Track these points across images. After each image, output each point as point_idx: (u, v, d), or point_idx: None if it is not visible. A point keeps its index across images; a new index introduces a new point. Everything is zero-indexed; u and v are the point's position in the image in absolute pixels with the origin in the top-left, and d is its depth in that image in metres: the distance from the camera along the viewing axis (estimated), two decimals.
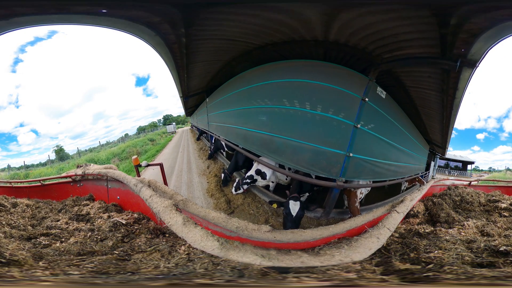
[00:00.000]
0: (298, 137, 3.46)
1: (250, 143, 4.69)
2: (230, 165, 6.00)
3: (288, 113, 3.68)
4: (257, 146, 4.40)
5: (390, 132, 4.05)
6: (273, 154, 3.91)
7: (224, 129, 6.28)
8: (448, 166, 10.81)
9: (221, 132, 6.70)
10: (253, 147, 4.58)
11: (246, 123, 4.86)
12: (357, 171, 3.53)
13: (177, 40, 3.73)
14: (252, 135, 4.54)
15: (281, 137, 3.66)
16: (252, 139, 4.60)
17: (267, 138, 3.96)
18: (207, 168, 7.51)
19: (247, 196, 5.35)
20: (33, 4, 2.37)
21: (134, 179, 4.10)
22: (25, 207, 4.58)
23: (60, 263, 2.57)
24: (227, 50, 4.58)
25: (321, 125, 3.29)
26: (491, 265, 2.65)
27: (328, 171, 3.36)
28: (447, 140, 5.34)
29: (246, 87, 5.02)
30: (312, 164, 3.41)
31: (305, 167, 3.49)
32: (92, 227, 3.64)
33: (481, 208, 4.88)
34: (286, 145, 3.60)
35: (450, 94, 3.29)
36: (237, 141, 5.38)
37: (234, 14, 3.28)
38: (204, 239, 2.60)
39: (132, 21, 2.99)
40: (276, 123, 3.90)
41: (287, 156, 3.62)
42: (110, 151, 10.88)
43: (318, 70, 3.66)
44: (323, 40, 3.58)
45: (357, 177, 3.73)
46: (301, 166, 3.51)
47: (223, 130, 6.45)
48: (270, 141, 3.90)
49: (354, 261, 2.63)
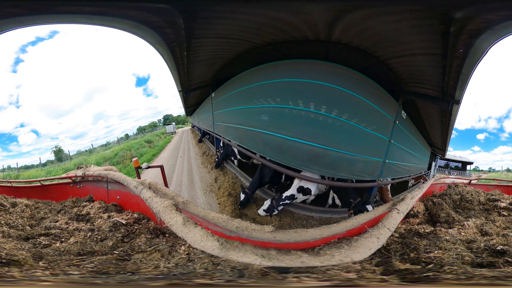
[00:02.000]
0: (353, 150, 3.83)
1: (291, 156, 3.80)
2: (253, 182, 4.82)
3: (335, 124, 3.68)
4: (302, 161, 3.77)
5: (405, 140, 4.96)
6: (327, 169, 3.79)
7: (238, 132, 5.09)
8: (448, 166, 10.88)
9: (232, 135, 5.52)
10: (296, 161, 3.79)
11: (282, 129, 3.85)
12: (387, 172, 4.52)
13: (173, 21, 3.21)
14: (294, 147, 3.72)
15: (336, 151, 3.73)
16: (293, 151, 3.75)
17: (320, 151, 3.68)
18: (215, 181, 6.04)
19: (283, 215, 4.45)
20: (28, 5, 2.35)
21: (135, 181, 4.10)
22: (24, 207, 4.59)
23: (60, 263, 2.57)
24: (248, 33, 3.74)
25: (369, 139, 3.91)
26: (491, 265, 2.65)
27: (373, 175, 4.22)
28: (446, 143, 6.00)
29: (274, 80, 4.09)
30: (363, 171, 4.06)
31: (357, 175, 4.06)
32: (92, 227, 3.64)
33: (480, 207, 4.89)
34: (342, 158, 3.79)
35: (447, 117, 4.46)
36: (265, 151, 4.20)
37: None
38: (204, 239, 2.60)
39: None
40: (328, 136, 3.70)
41: (342, 168, 3.84)
42: (101, 154, 9.98)
43: (354, 81, 3.72)
44: (326, 40, 3.58)
45: (386, 176, 4.60)
46: (354, 174, 4.03)
47: (235, 133, 5.30)
48: (324, 155, 3.71)
49: (354, 261, 2.62)
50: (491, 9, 2.45)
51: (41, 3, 2.38)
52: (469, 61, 2.92)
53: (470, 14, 2.55)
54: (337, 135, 3.67)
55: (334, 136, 3.66)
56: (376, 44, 3.49)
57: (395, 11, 2.81)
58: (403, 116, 4.37)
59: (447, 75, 3.20)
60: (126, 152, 9.89)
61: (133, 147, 10.51)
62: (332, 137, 3.66)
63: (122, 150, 10.09)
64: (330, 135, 3.66)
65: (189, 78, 5.32)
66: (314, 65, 3.81)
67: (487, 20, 2.57)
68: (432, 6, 2.61)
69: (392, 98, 4.06)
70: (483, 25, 2.62)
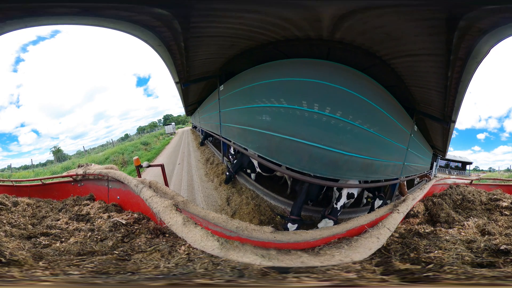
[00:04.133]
0: (388, 158, 4.70)
1: (346, 170, 3.85)
2: (298, 203, 4.14)
3: (377, 139, 4.16)
4: (357, 171, 4.03)
5: (416, 147, 5.90)
6: (373, 174, 4.40)
7: (263, 140, 4.05)
8: (449, 166, 10.95)
9: (253, 143, 4.36)
10: (350, 173, 3.97)
11: (339, 144, 3.66)
12: (405, 172, 5.47)
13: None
14: (350, 161, 3.77)
15: (379, 160, 4.43)
16: (349, 165, 3.81)
17: (369, 162, 4.15)
18: (226, 202, 4.52)
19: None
20: (25, 6, 2.33)
21: (135, 179, 4.11)
22: (25, 206, 4.60)
23: (60, 263, 2.57)
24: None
25: (395, 149, 4.81)
26: (491, 265, 2.65)
27: (397, 174, 5.21)
28: (446, 147, 6.85)
29: (300, 79, 3.69)
30: (392, 172, 5.01)
31: (389, 175, 4.96)
32: (92, 227, 3.64)
33: (482, 206, 4.89)
34: (381, 165, 4.54)
35: (447, 131, 5.59)
36: (313, 167, 3.72)
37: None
38: (204, 239, 2.60)
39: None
40: (372, 149, 4.14)
41: (381, 172, 4.63)
42: (91, 157, 9.30)
43: (374, 91, 3.99)
44: (328, 39, 3.57)
45: (404, 175, 5.54)
46: (387, 175, 4.91)
47: (257, 141, 4.20)
48: (371, 164, 4.23)
49: (354, 261, 2.62)
50: (491, 12, 2.45)
51: (36, 4, 2.37)
52: (463, 80, 3.36)
53: (474, 17, 2.55)
54: (378, 148, 4.32)
55: (376, 148, 4.27)
56: (380, 44, 3.50)
57: (401, 12, 2.82)
58: (414, 129, 5.28)
59: (448, 98, 3.84)
60: (118, 156, 8.89)
61: (128, 150, 9.58)
62: (375, 150, 4.24)
63: (114, 154, 9.09)
64: (374, 148, 4.22)
65: (189, 66, 4.33)
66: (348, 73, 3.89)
67: (487, 23, 2.58)
68: (440, 9, 2.62)
69: (408, 115, 4.95)
70: (485, 27, 2.62)
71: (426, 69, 3.62)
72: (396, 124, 4.45)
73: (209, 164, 6.16)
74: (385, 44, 3.50)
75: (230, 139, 5.30)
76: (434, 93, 4.01)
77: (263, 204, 4.51)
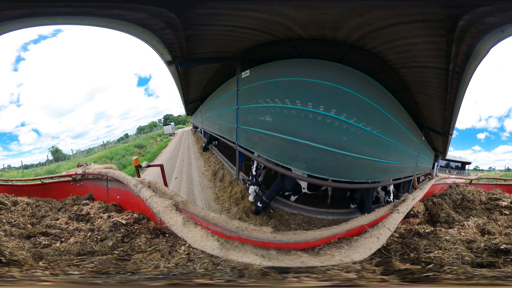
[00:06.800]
0: (405, 161, 5.81)
1: (392, 173, 5.19)
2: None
3: (396, 147, 5.06)
4: (394, 173, 5.31)
5: (424, 152, 7.12)
6: (396, 173, 5.48)
7: (327, 158, 3.46)
8: (449, 166, 11.04)
9: (304, 161, 3.56)
10: (393, 175, 5.25)
11: (388, 157, 4.87)
12: (417, 171, 6.87)
13: None
14: (392, 167, 5.05)
15: (406, 164, 5.89)
16: (392, 169, 5.13)
17: (399, 166, 5.49)
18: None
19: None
20: (25, 6, 2.32)
21: (134, 179, 4.10)
22: (25, 206, 4.60)
23: (60, 263, 2.57)
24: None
25: (412, 155, 6.23)
26: (491, 265, 2.65)
27: (412, 173, 6.56)
28: (446, 149, 8.04)
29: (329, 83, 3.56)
30: (410, 171, 6.29)
31: (408, 174, 6.18)
32: (92, 227, 3.64)
33: (482, 206, 4.89)
34: (406, 167, 5.96)
35: (446, 141, 6.99)
36: (379, 176, 4.27)
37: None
38: (204, 239, 2.59)
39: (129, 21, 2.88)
40: (396, 155, 5.19)
41: (405, 173, 6.00)
42: (80, 161, 8.82)
43: (397, 112, 4.66)
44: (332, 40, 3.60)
45: (415, 173, 6.85)
46: (407, 174, 6.11)
47: (318, 159, 3.47)
48: (400, 167, 5.62)
49: (354, 261, 2.62)
50: (488, 12, 2.45)
51: (38, 4, 2.36)
52: (459, 95, 3.83)
53: (473, 17, 2.55)
54: (405, 157, 5.68)
55: (403, 157, 5.62)
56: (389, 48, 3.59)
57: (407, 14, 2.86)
58: (422, 139, 6.63)
59: (447, 116, 4.77)
60: (106, 161, 7.59)
61: (119, 154, 8.21)
62: (403, 158, 5.61)
63: (101, 158, 7.73)
64: (403, 157, 5.59)
65: (192, 39, 3.24)
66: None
67: (485, 24, 2.58)
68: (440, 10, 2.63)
69: (418, 129, 6.13)
70: (483, 28, 2.62)
71: (430, 80, 3.95)
72: (412, 139, 5.88)
73: (218, 181, 4.63)
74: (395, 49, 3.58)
75: (255, 150, 4.08)
76: (437, 112, 4.91)
77: (317, 223, 4.03)
